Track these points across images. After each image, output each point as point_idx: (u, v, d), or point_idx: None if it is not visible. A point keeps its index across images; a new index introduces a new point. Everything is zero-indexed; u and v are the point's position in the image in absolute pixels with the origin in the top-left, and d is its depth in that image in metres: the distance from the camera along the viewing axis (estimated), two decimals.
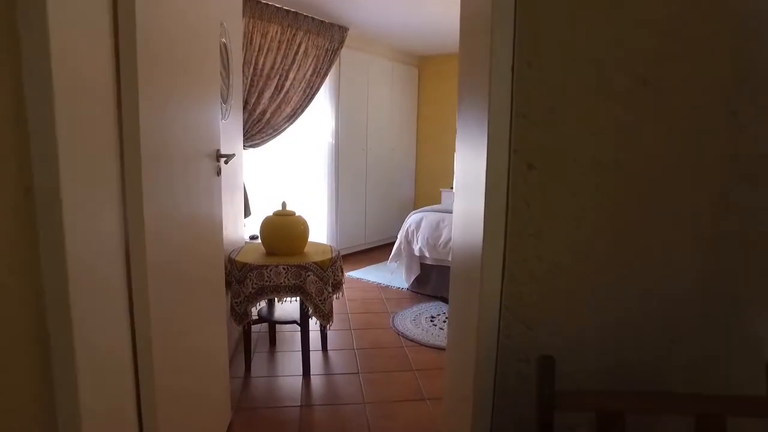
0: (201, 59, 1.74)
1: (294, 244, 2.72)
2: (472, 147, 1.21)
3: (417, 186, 6.64)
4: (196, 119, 1.71)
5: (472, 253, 1.20)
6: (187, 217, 1.60)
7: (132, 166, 1.18)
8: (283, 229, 2.70)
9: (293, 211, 2.78)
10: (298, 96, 4.46)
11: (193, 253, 1.67)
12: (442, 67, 6.20)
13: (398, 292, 4.31)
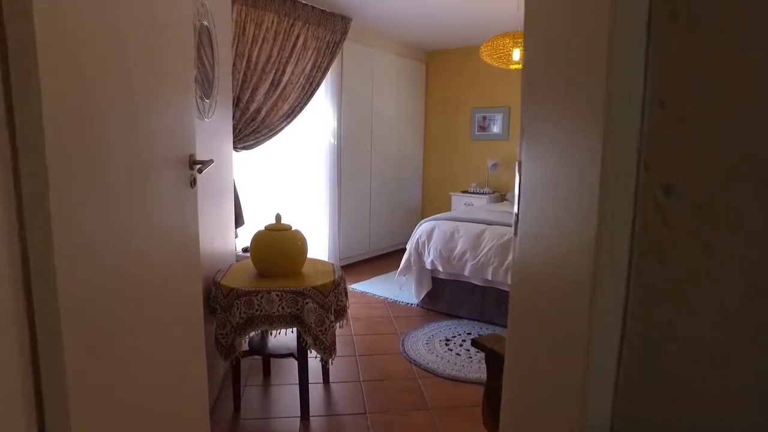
0: (163, 44, 1.34)
1: (289, 264, 2.31)
2: (557, 153, 0.81)
3: (425, 189, 6.23)
4: (158, 120, 1.31)
5: (557, 320, 0.81)
6: (140, 237, 1.20)
7: (33, 182, 0.78)
8: (276, 248, 2.30)
9: (289, 225, 2.38)
10: (297, 92, 4.06)
11: (149, 278, 1.28)
12: (450, 63, 5.80)
13: (407, 309, 3.90)
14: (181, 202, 1.50)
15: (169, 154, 1.40)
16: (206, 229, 2.34)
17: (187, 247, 1.59)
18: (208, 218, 2.37)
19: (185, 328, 1.57)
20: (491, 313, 3.54)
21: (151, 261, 1.29)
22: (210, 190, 2.41)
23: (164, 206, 1.37)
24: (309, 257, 2.57)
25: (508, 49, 3.44)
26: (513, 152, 5.46)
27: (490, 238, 3.41)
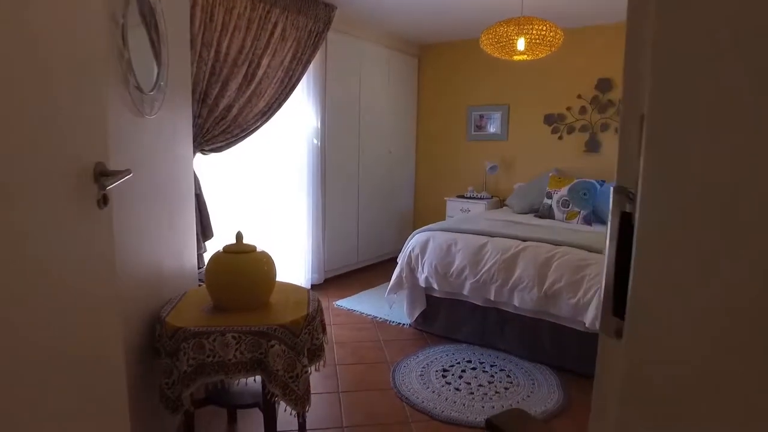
0: (45, 12, 0.91)
1: (253, 295, 1.88)
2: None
3: (417, 194, 5.81)
4: (35, 117, 0.88)
5: None
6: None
7: None
8: (236, 275, 1.86)
9: (252, 246, 1.94)
10: (274, 88, 3.62)
11: (25, 334, 0.85)
12: (445, 57, 5.38)
13: (399, 331, 3.48)
14: (79, 229, 1.06)
15: (53, 166, 0.97)
16: (150, 250, 1.90)
17: (96, 282, 1.16)
18: (154, 237, 1.93)
19: (93, 390, 1.14)
20: (492, 337, 3.13)
21: (30, 309, 0.87)
22: (157, 201, 1.97)
23: (45, 237, 0.94)
24: (281, 281, 2.15)
25: (512, 39, 3.03)
26: (512, 153, 5.05)
27: (492, 253, 3.00)
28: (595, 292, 2.57)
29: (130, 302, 1.72)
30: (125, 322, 1.69)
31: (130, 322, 1.75)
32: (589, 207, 3.84)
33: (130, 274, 1.70)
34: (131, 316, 1.75)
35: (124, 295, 1.66)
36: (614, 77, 4.36)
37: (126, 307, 1.69)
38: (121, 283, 1.61)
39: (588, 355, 2.75)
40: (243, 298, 1.87)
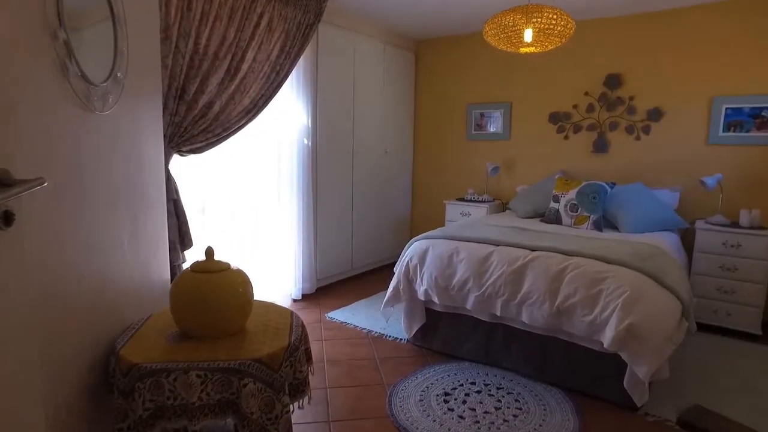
0: None
1: (225, 321, 1.61)
2: None
3: (414, 197, 5.54)
4: None
5: None
6: None
7: None
8: (206, 298, 1.58)
9: (226, 263, 1.67)
10: (260, 83, 3.34)
11: None
12: (444, 53, 5.11)
13: (396, 347, 3.21)
14: None
15: None
16: (103, 267, 1.62)
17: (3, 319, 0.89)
18: (108, 249, 1.65)
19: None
20: (498, 354, 2.86)
21: None
22: (113, 209, 1.69)
23: None
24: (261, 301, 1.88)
25: (519, 29, 2.77)
26: (515, 154, 4.79)
27: (498, 263, 2.73)
28: (614, 309, 2.31)
29: (73, 334, 1.44)
30: (67, 359, 1.41)
31: (77, 356, 1.47)
32: (599, 211, 3.58)
33: (72, 297, 1.43)
34: (78, 349, 1.48)
35: (63, 327, 1.38)
36: (624, 73, 4.10)
37: (67, 340, 1.41)
38: (57, 311, 1.34)
39: (605, 376, 2.49)
40: (214, 326, 1.59)
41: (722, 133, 3.76)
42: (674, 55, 3.89)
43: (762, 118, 3.64)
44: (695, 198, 3.89)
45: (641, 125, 4.07)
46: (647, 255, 2.62)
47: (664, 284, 2.35)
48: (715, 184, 3.60)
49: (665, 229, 3.58)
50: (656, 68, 3.97)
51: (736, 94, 3.70)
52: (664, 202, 3.74)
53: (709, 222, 3.63)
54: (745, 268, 3.41)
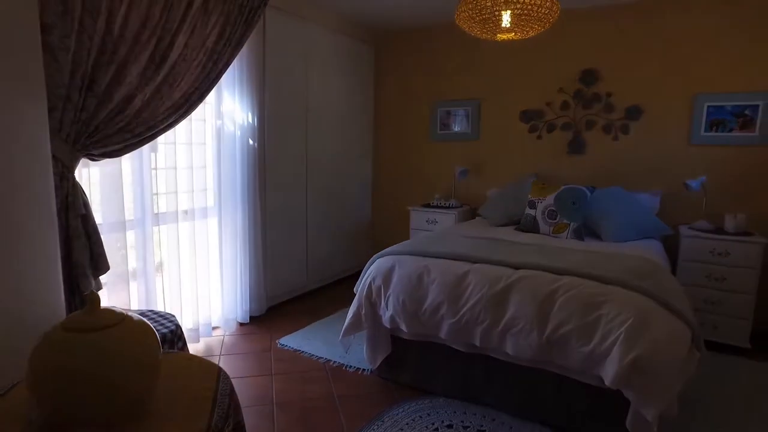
0: None
1: (112, 403, 1.12)
2: None
3: (375, 203, 5.11)
4: None
5: None
6: None
7: None
8: (80, 371, 1.09)
9: (118, 315, 1.19)
10: (194, 74, 2.83)
11: None
12: (405, 46, 4.72)
13: (358, 380, 2.77)
14: None
15: None
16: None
17: None
18: None
19: None
20: (478, 389, 2.47)
21: None
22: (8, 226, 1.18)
23: None
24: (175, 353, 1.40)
25: (495, 13, 2.39)
26: (484, 155, 4.44)
27: (476, 285, 2.34)
28: (615, 339, 1.95)
29: None
30: None
31: None
32: (579, 218, 3.26)
33: None
34: None
35: None
36: (601, 68, 3.82)
37: None
38: None
39: (602, 413, 2.14)
40: (97, 411, 1.11)
41: (704, 133, 3.52)
42: (654, 49, 3.63)
43: (745, 117, 3.42)
44: (677, 201, 3.64)
45: (619, 124, 3.79)
46: (646, 272, 2.28)
47: (670, 308, 2.02)
48: (699, 187, 3.35)
49: (648, 236, 3.30)
50: (635, 63, 3.70)
51: (718, 92, 3.47)
52: (646, 207, 3.47)
53: (693, 228, 3.38)
54: (733, 277, 3.17)
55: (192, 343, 3.08)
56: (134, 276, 2.89)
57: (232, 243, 3.43)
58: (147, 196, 2.84)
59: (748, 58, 3.37)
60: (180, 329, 2.25)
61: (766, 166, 3.39)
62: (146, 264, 2.86)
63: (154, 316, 2.29)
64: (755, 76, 3.36)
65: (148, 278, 2.88)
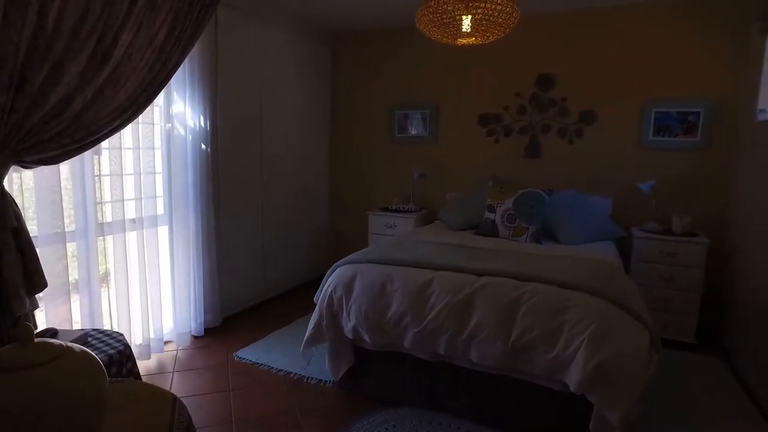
0: None
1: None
2: None
3: (333, 208, 5.02)
4: None
5: None
6: None
7: None
8: (12, 414, 0.97)
9: (59, 347, 1.06)
10: (141, 75, 2.66)
11: None
12: (363, 49, 4.66)
13: (320, 393, 2.68)
14: None
15: None
16: None
17: None
18: None
19: None
20: (443, 398, 2.45)
21: None
22: None
23: None
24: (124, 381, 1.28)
25: (456, 17, 2.36)
26: (443, 159, 4.44)
27: (440, 293, 2.31)
28: (579, 344, 1.97)
29: None
30: None
31: None
32: (538, 222, 3.30)
33: None
34: None
35: None
36: (556, 73, 3.89)
37: None
38: None
39: (567, 418, 2.16)
40: None
41: (653, 138, 3.66)
42: (607, 57, 3.74)
43: (688, 123, 3.57)
44: (627, 204, 3.76)
45: (574, 128, 3.88)
46: (605, 276, 2.32)
47: (631, 312, 2.05)
48: (649, 190, 3.47)
49: (603, 238, 3.38)
50: (589, 70, 3.80)
51: (664, 99, 3.61)
52: (600, 209, 3.56)
53: (644, 229, 3.49)
54: (680, 276, 3.30)
55: (142, 360, 2.90)
56: (76, 288, 2.68)
57: (185, 252, 3.27)
58: (90, 205, 2.64)
59: (690, 68, 3.52)
60: (128, 348, 2.09)
61: (708, 169, 3.55)
62: (90, 276, 2.66)
63: (99, 336, 2.13)
64: (696, 85, 3.52)
65: (92, 291, 2.68)
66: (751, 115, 3.16)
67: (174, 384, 2.72)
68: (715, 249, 3.40)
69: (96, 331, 2.20)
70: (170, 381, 2.75)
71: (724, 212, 3.55)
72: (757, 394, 2.63)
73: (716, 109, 3.48)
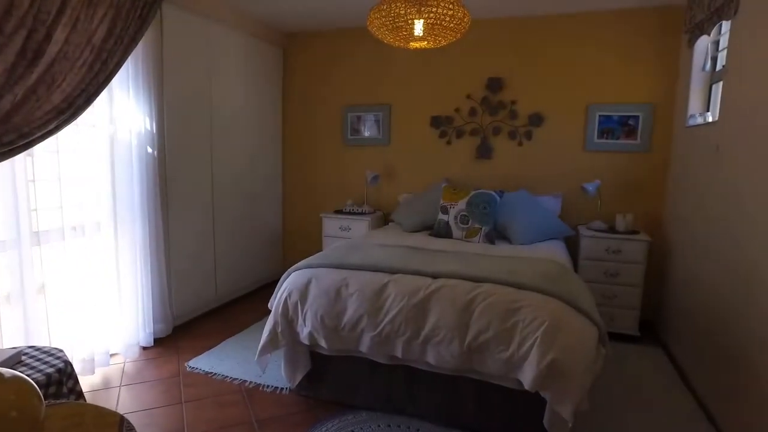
0: None
1: None
2: None
3: (286, 211, 4.94)
4: None
5: None
6: None
7: None
8: None
9: None
10: (79, 74, 2.52)
11: None
12: (315, 49, 4.61)
13: (277, 400, 2.63)
14: None
15: None
16: None
17: None
18: None
19: None
20: (401, 400, 2.45)
21: None
22: None
23: None
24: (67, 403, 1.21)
25: (408, 21, 2.37)
26: (396, 161, 4.46)
27: (396, 296, 2.31)
28: (533, 343, 2.02)
29: None
30: None
31: None
32: (490, 222, 3.37)
33: None
34: None
35: None
36: (505, 76, 3.98)
37: None
38: None
39: (523, 415, 2.21)
40: None
41: (597, 140, 3.81)
42: (553, 61, 3.86)
43: (629, 126, 3.74)
44: (575, 203, 3.90)
45: (523, 130, 3.99)
46: (556, 275, 2.40)
47: (580, 310, 2.13)
48: (595, 191, 3.61)
49: (553, 237, 3.50)
50: (536, 73, 3.91)
51: (607, 102, 3.77)
52: (549, 209, 3.68)
53: (591, 228, 3.63)
54: (624, 272, 3.45)
55: (86, 376, 2.75)
56: (8, 301, 2.50)
57: (131, 260, 3.12)
58: (23, 212, 2.47)
59: (629, 75, 3.70)
60: (69, 365, 1.97)
61: (647, 170, 3.74)
62: (24, 289, 2.49)
63: (35, 354, 1.99)
64: (636, 90, 3.70)
65: (26, 305, 2.51)
66: (682, 121, 3.36)
67: (121, 400, 2.59)
68: (654, 246, 3.58)
69: (32, 348, 2.06)
70: (117, 397, 2.62)
71: (662, 211, 3.75)
72: (691, 379, 2.79)
73: (654, 114, 3.67)
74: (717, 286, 2.50)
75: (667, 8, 3.54)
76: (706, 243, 2.73)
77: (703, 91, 3.22)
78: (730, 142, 2.46)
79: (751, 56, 2.31)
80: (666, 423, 2.44)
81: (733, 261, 2.31)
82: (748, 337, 2.10)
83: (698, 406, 2.59)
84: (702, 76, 3.21)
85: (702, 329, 2.69)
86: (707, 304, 2.62)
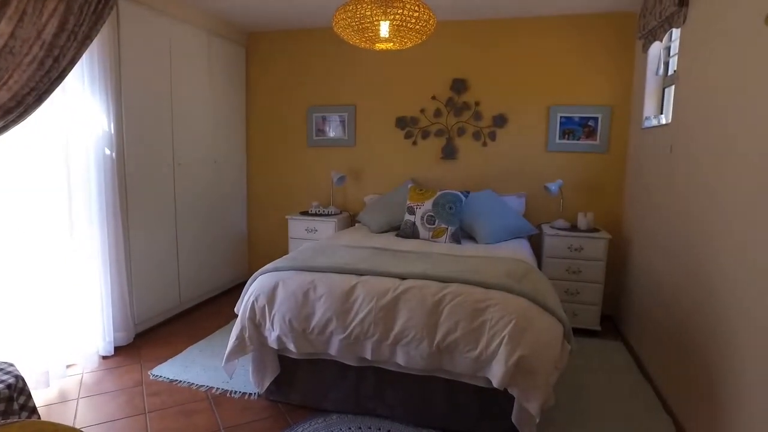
0: None
1: None
2: None
3: (251, 213, 4.85)
4: None
5: None
6: None
7: None
8: None
9: None
10: (28, 71, 2.40)
11: None
12: (279, 49, 4.54)
13: (246, 406, 2.58)
14: None
15: None
16: None
17: None
18: None
19: None
20: (371, 402, 2.45)
21: None
22: None
23: None
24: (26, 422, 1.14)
25: (374, 22, 2.37)
26: (361, 161, 4.45)
27: (364, 298, 2.30)
28: (500, 341, 2.05)
29: None
30: None
31: None
32: (456, 222, 3.41)
33: None
34: None
35: None
36: (469, 78, 4.04)
37: None
38: None
39: (491, 413, 2.25)
40: None
41: (558, 140, 3.91)
42: (516, 63, 3.94)
43: (589, 128, 3.86)
44: (539, 203, 4.00)
45: (487, 131, 4.06)
46: (521, 274, 2.44)
47: (546, 307, 2.18)
48: (557, 190, 3.71)
49: (517, 236, 3.57)
50: (500, 75, 3.98)
51: (568, 104, 3.87)
52: (513, 209, 3.75)
53: (554, 227, 3.72)
54: (586, 269, 3.56)
55: (41, 389, 2.61)
56: None
57: (88, 266, 2.99)
58: None
59: (588, 77, 3.81)
60: (21, 380, 1.88)
61: (607, 170, 3.87)
62: None
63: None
64: (595, 92, 3.82)
65: None
66: (638, 122, 3.49)
67: (79, 413, 2.48)
68: (614, 243, 3.71)
69: None
70: (75, 410, 2.51)
71: (621, 209, 3.88)
72: (649, 370, 2.91)
73: (612, 116, 3.80)
74: (672, 281, 2.61)
75: (623, 15, 3.67)
76: (661, 240, 2.84)
77: (657, 95, 3.35)
78: (682, 143, 2.57)
79: (699, 62, 2.42)
80: (625, 412, 2.52)
81: (686, 257, 2.42)
82: (700, 329, 2.20)
83: (655, 394, 2.70)
84: (656, 80, 3.34)
85: (659, 323, 2.80)
86: (663, 299, 2.73)
